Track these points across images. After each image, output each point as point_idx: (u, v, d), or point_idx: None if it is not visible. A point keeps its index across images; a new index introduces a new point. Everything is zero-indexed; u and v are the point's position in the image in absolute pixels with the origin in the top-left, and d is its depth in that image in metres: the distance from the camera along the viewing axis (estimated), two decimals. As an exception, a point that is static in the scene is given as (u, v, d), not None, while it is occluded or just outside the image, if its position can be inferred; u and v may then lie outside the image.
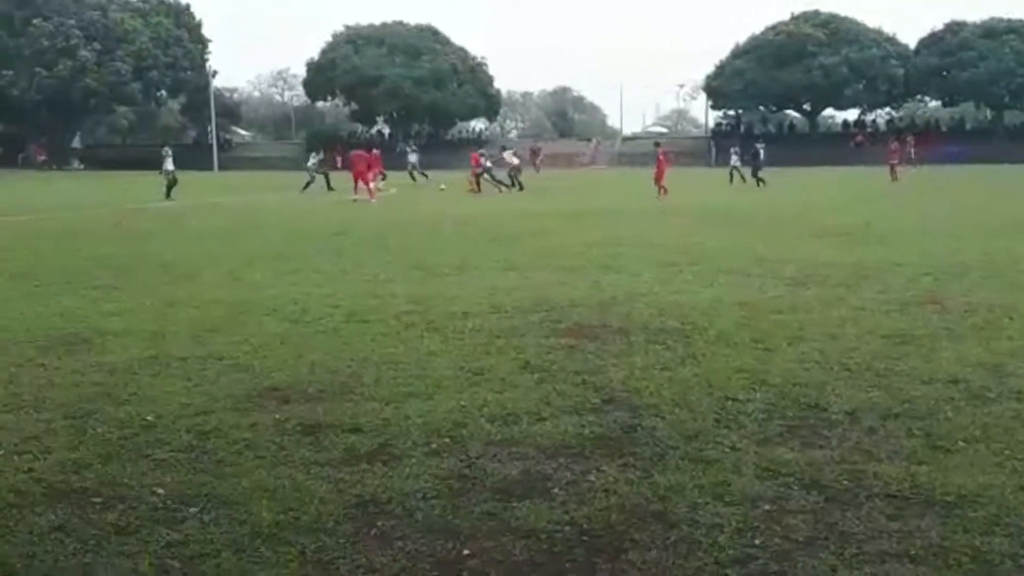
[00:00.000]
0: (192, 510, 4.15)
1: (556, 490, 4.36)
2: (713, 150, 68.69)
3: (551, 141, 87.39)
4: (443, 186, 36.78)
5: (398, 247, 15.11)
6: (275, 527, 3.95)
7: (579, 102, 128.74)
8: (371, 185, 30.86)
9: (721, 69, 79.76)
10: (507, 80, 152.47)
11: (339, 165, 39.17)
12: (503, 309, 8.99)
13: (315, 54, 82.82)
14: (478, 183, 33.55)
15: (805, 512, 4.08)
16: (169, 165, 32.30)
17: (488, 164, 35.35)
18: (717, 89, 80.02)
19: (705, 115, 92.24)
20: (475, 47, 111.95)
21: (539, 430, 5.21)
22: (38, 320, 8.72)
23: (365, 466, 4.67)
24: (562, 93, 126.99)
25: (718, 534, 3.85)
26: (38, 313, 9.11)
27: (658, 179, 29.71)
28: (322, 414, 5.52)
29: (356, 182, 31.29)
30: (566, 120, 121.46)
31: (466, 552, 3.75)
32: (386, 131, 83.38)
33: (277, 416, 5.50)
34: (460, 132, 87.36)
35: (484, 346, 7.38)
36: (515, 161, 35.61)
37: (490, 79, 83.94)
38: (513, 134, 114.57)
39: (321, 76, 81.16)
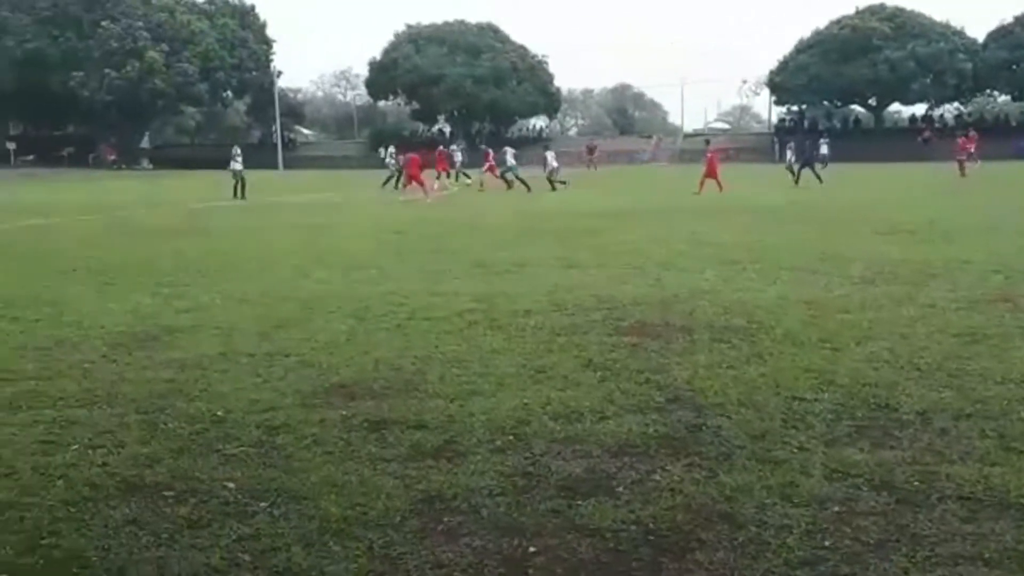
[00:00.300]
0: (262, 504, 4.22)
1: (621, 489, 4.36)
2: (776, 146, 67.83)
3: (611, 138, 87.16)
4: (469, 180, 37.67)
5: (458, 245, 15.17)
6: (343, 522, 4.00)
7: (639, 99, 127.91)
8: (435, 184, 31.36)
9: (785, 64, 78.72)
10: (567, 78, 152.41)
11: (400, 164, 39.77)
12: (565, 307, 8.99)
13: (377, 54, 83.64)
14: (505, 181, 33.95)
15: (875, 514, 4.02)
16: (238, 164, 32.74)
17: (492, 162, 35.94)
18: (780, 84, 78.98)
19: (768, 111, 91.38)
20: (535, 45, 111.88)
21: (603, 428, 5.21)
22: (110, 316, 8.91)
23: (431, 462, 4.71)
24: (622, 90, 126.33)
25: (787, 535, 3.81)
26: (110, 309, 9.30)
27: (711, 176, 29.75)
28: (387, 411, 5.57)
29: (409, 183, 31.78)
30: (626, 117, 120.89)
31: (532, 549, 3.76)
32: (447, 130, 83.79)
33: (344, 412, 5.56)
34: (520, 130, 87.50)
35: (546, 344, 7.38)
36: (554, 164, 35.55)
37: (550, 77, 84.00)
38: (573, 131, 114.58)
39: (383, 76, 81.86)
